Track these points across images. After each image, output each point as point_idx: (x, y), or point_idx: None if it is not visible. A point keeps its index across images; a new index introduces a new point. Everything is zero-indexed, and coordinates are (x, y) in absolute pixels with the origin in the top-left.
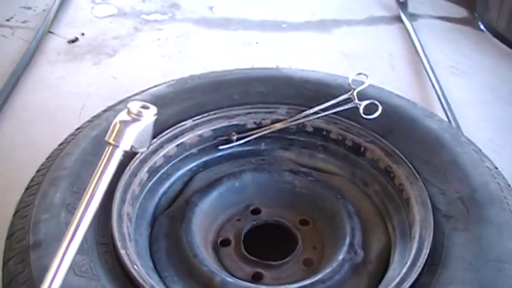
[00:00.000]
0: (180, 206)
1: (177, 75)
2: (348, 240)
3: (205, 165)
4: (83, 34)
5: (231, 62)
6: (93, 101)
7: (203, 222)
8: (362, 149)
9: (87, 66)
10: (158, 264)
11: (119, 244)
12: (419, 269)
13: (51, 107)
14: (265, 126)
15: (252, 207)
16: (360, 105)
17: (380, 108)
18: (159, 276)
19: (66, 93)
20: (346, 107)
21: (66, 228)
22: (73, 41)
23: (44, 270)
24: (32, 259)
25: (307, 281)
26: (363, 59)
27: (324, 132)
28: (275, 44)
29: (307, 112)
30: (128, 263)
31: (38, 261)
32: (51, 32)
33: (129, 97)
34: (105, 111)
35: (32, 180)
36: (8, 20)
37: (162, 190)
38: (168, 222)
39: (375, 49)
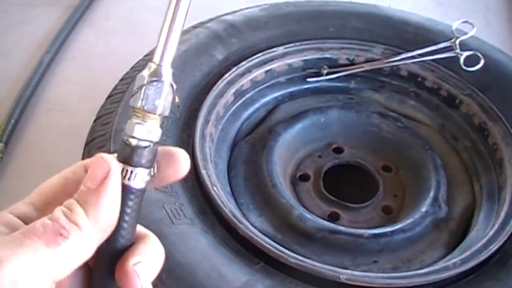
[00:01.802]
0: (262, 134)
1: (263, 2)
2: (432, 193)
3: (291, 96)
4: None
5: None
6: None
7: (284, 153)
8: (457, 101)
9: None
10: (235, 190)
11: (200, 164)
12: (508, 234)
13: (133, 18)
14: (357, 64)
15: (334, 146)
16: (461, 55)
17: (482, 61)
18: (236, 202)
19: (150, 6)
20: (446, 55)
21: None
22: None
23: None
24: None
25: (387, 228)
26: (456, 9)
27: (419, 79)
28: None
29: (404, 55)
30: (208, 183)
31: None
32: None
33: (219, 16)
34: (194, 27)
35: (114, 88)
36: None
37: (245, 115)
38: (249, 148)
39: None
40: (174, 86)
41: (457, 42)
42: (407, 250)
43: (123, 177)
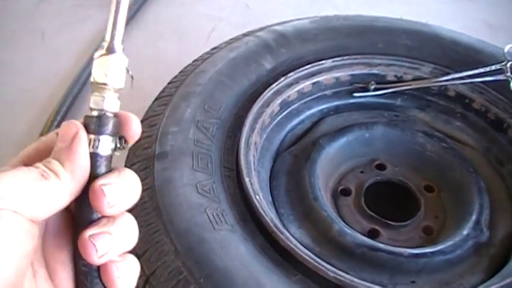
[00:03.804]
0: (305, 146)
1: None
2: (474, 217)
3: (336, 109)
4: None
5: (371, 10)
6: (223, 26)
7: (326, 167)
8: (505, 125)
9: None
10: (276, 200)
11: (244, 171)
12: None
13: (182, 24)
14: (405, 81)
15: (377, 162)
16: (511, 78)
17: None
18: (276, 212)
19: (199, 13)
20: (496, 77)
21: (194, 143)
22: None
23: (167, 182)
24: (156, 169)
25: (427, 249)
26: (506, 32)
27: (467, 100)
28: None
29: (453, 76)
30: (250, 191)
31: (161, 172)
32: None
33: (270, 26)
34: (245, 35)
35: (163, 91)
36: None
37: (289, 126)
38: (292, 159)
39: None
40: (126, 60)
41: (508, 65)
42: (446, 273)
43: (90, 147)
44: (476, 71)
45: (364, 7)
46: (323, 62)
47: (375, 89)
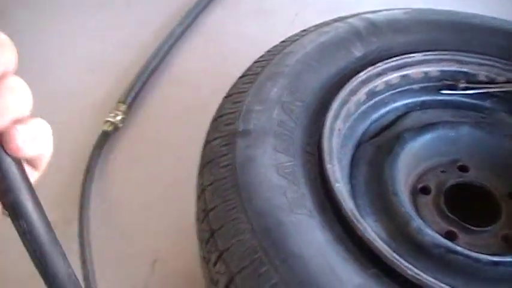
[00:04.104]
0: (388, 138)
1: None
2: None
3: (422, 105)
4: None
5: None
6: (309, 11)
7: (408, 162)
8: None
9: None
10: (354, 189)
11: (326, 157)
12: None
13: (266, 5)
14: (498, 83)
15: (460, 163)
16: None
17: None
18: (354, 202)
19: None
20: None
21: (278, 124)
22: None
23: (248, 160)
24: (239, 145)
25: (508, 258)
26: None
27: None
28: None
29: None
30: (331, 178)
31: (244, 149)
32: None
33: (362, 13)
34: (335, 20)
35: (249, 69)
36: None
37: (374, 116)
38: (374, 150)
39: None
40: None
41: None
42: None
43: None
44: None
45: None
46: (413, 55)
47: (464, 88)
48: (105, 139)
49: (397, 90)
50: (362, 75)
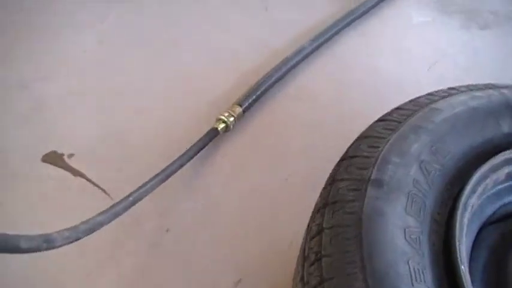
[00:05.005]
0: None
1: None
2: None
3: None
4: None
5: None
6: (446, 63)
7: None
8: None
9: (453, 27)
10: (472, 273)
11: (456, 233)
12: None
13: (405, 46)
14: None
15: None
16: None
17: None
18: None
19: (425, 41)
20: None
21: (413, 183)
22: None
23: (377, 213)
24: (369, 195)
25: None
26: None
27: None
28: None
29: None
30: (457, 258)
31: (374, 200)
32: None
33: None
34: (488, 86)
35: (389, 114)
36: None
37: (506, 199)
38: (497, 236)
39: None
40: None
41: None
42: None
43: None
44: None
45: None
46: None
47: None
48: (213, 136)
49: None
50: (507, 154)
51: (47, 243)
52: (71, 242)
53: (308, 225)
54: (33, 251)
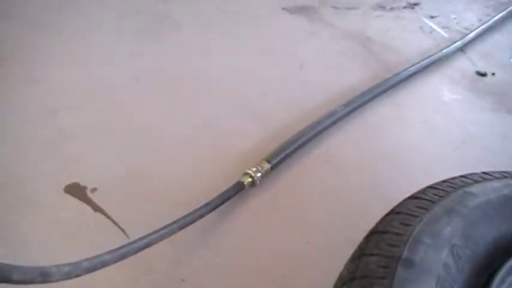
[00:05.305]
0: None
1: None
2: None
3: None
4: (493, 74)
5: None
6: (473, 145)
7: None
8: None
9: (482, 108)
10: None
11: None
12: None
13: (436, 122)
14: None
15: None
16: None
17: None
18: None
19: (453, 119)
20: None
21: (443, 267)
22: (482, 75)
23: None
24: (399, 274)
25: None
26: None
27: None
28: None
29: None
30: None
31: (403, 281)
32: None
33: None
34: None
35: (423, 192)
36: None
37: None
38: None
39: None
40: None
41: None
42: None
43: None
44: None
45: None
46: None
47: None
48: (239, 190)
49: None
50: None
51: (42, 276)
52: (70, 278)
53: None
54: (26, 283)
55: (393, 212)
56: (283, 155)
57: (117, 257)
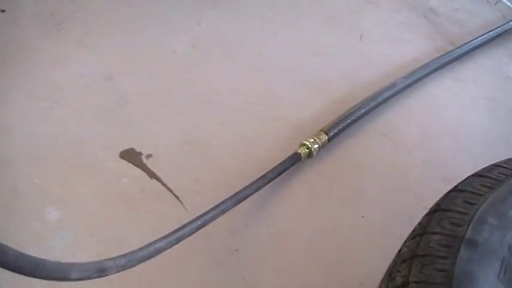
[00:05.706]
0: None
1: None
2: None
3: None
4: None
5: None
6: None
7: None
8: None
9: None
10: None
11: None
12: None
13: (497, 98)
14: None
15: None
16: None
17: None
18: None
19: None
20: None
21: (508, 249)
22: None
23: (468, 276)
24: (461, 254)
25: None
26: None
27: None
28: None
29: None
30: None
31: (466, 261)
32: None
33: None
34: None
35: (487, 170)
36: None
37: None
38: None
39: None
40: None
41: None
42: None
43: None
44: None
45: None
46: None
47: None
48: (295, 161)
49: None
50: None
51: (98, 272)
52: (125, 270)
53: (391, 274)
54: (83, 280)
55: (456, 190)
56: (341, 127)
57: (171, 242)
